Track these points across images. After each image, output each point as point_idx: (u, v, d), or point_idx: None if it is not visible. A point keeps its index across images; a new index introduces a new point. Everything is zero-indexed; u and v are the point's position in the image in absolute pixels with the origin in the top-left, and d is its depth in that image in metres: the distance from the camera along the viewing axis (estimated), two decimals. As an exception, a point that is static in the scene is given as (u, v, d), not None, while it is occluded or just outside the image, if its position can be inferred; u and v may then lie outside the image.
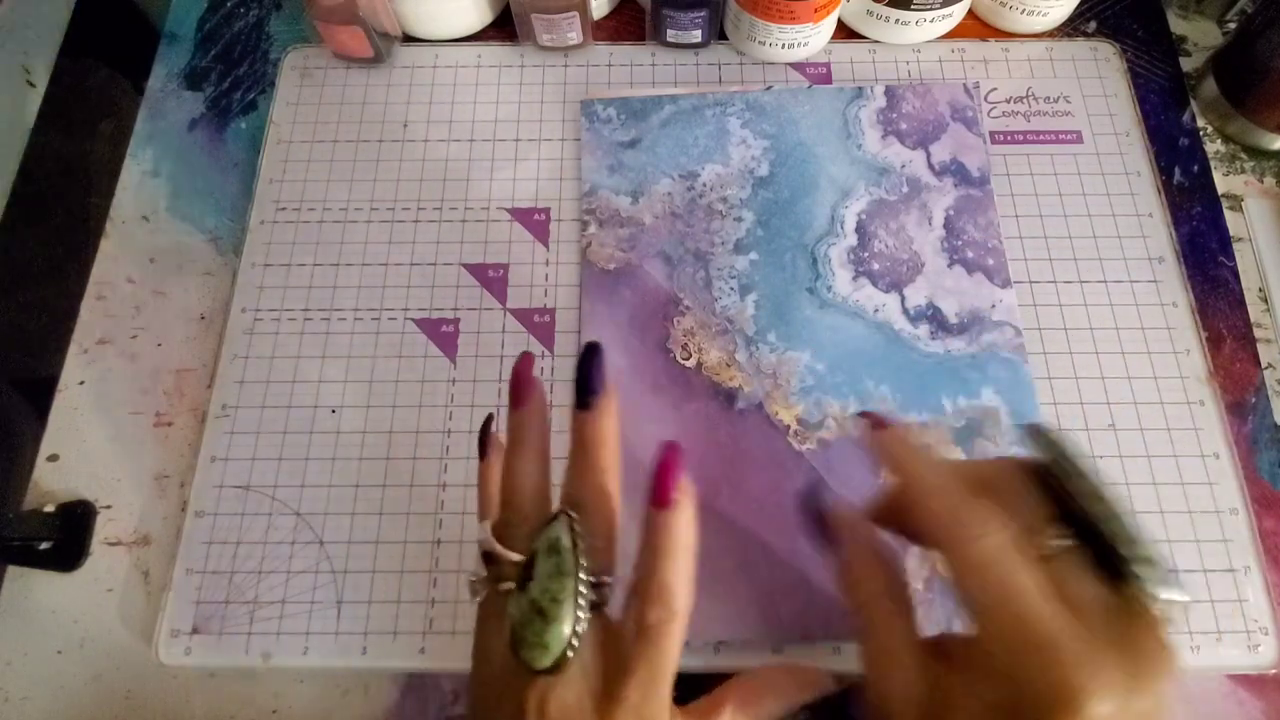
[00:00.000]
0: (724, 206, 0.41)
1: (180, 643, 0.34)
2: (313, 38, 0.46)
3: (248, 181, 0.43)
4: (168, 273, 0.41)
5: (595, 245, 0.40)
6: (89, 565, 0.36)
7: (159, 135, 0.45)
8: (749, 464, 0.36)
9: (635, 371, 0.38)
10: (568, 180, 0.42)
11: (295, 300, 0.40)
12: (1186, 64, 0.45)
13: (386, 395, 0.38)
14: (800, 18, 0.41)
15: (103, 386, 0.39)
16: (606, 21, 0.47)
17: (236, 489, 0.37)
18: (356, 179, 0.43)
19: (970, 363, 0.38)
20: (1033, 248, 0.40)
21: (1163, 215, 0.41)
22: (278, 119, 0.44)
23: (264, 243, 0.41)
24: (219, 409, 0.38)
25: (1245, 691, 0.33)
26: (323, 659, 0.34)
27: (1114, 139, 0.43)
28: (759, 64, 0.45)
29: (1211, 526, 0.35)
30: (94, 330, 0.40)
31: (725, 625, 0.34)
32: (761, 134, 0.42)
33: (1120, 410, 0.37)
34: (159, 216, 0.43)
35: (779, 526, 0.35)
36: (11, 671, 0.35)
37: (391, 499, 0.36)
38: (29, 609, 0.36)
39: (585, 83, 0.45)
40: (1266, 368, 0.38)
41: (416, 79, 0.45)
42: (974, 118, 0.43)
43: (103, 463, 0.38)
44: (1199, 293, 0.40)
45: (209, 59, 0.47)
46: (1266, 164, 0.43)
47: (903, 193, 0.41)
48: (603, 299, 0.39)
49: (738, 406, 0.37)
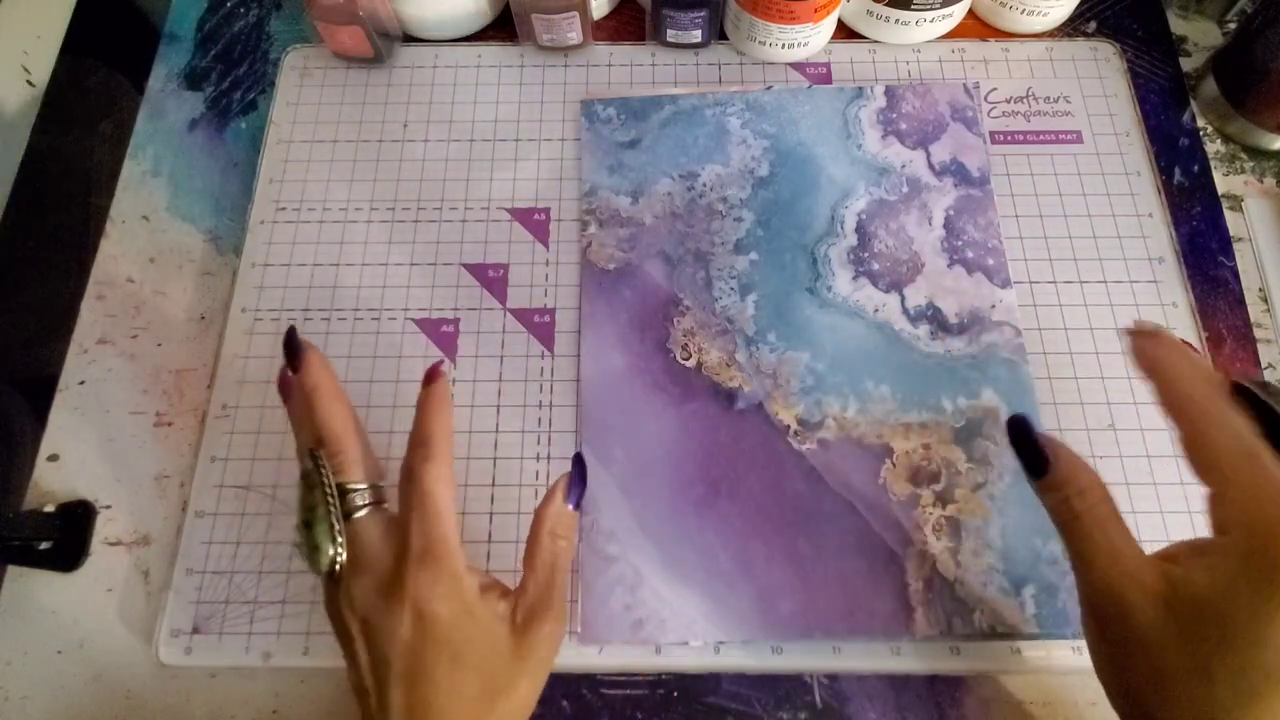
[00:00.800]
0: (724, 206, 0.41)
1: (180, 643, 0.34)
2: (313, 38, 0.46)
3: (248, 181, 0.43)
4: (168, 273, 0.41)
5: (595, 245, 0.40)
6: (89, 565, 0.36)
7: (159, 135, 0.45)
8: (749, 464, 0.36)
9: (635, 371, 0.38)
10: (568, 180, 0.42)
11: (295, 300, 0.40)
12: (1186, 64, 0.45)
13: (386, 395, 0.38)
14: (800, 18, 0.41)
15: (103, 386, 0.39)
16: (606, 21, 0.47)
17: (236, 489, 0.37)
18: (356, 179, 0.43)
19: (970, 363, 0.38)
20: (1033, 248, 0.40)
21: (1163, 215, 0.41)
22: (278, 119, 0.44)
23: (264, 243, 0.41)
24: (219, 409, 0.38)
25: (1245, 691, 0.33)
26: (323, 659, 0.34)
27: (1114, 139, 0.43)
28: (759, 64, 0.45)
29: (1211, 526, 0.35)
30: (94, 330, 0.40)
31: (725, 625, 0.34)
32: (761, 134, 0.42)
33: (1120, 410, 0.37)
34: (159, 216, 0.43)
35: (779, 526, 0.35)
36: (11, 671, 0.35)
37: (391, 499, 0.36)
38: (29, 609, 0.35)
39: (585, 83, 0.45)
40: (1266, 368, 0.38)
41: (416, 79, 0.45)
42: (974, 118, 0.43)
43: (103, 463, 0.38)
44: (1199, 293, 0.40)
45: (209, 59, 0.47)
46: (1266, 164, 0.43)
47: (903, 193, 0.41)
48: (603, 299, 0.39)
49: (738, 406, 0.37)
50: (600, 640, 0.34)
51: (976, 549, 0.34)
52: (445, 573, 0.26)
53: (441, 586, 0.26)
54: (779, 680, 0.34)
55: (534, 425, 0.38)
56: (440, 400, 0.29)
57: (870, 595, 0.34)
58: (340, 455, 0.28)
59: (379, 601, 0.26)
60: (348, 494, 0.27)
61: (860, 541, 0.35)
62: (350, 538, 0.27)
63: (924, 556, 0.34)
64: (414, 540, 0.26)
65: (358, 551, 0.27)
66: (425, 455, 0.27)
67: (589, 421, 0.37)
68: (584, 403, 0.37)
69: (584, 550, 0.35)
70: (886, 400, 0.37)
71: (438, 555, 0.26)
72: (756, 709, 0.34)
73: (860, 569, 0.34)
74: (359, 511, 0.27)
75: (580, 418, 0.37)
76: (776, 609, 0.34)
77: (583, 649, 0.34)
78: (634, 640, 0.34)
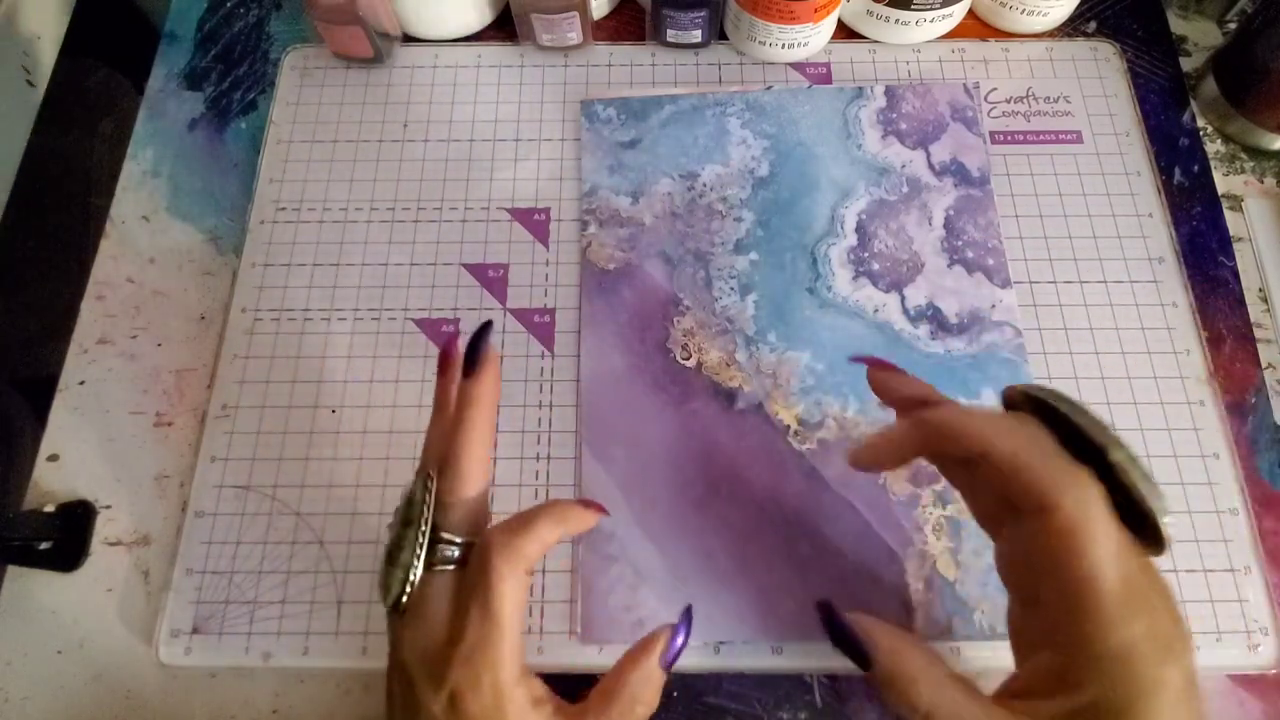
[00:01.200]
0: (724, 206, 0.41)
1: (180, 643, 0.34)
2: (313, 38, 0.46)
3: (248, 181, 0.43)
4: (168, 273, 0.41)
5: (595, 245, 0.40)
6: (89, 565, 0.36)
7: (159, 135, 0.45)
8: (749, 464, 0.36)
9: (635, 371, 0.38)
10: (568, 180, 0.42)
11: (295, 300, 0.40)
12: (1186, 64, 0.45)
13: (386, 395, 0.38)
14: (800, 18, 0.41)
15: (103, 386, 0.39)
16: (606, 21, 0.47)
17: (236, 489, 0.37)
18: (356, 179, 0.43)
19: (970, 363, 0.38)
20: (1033, 248, 0.40)
21: (1163, 215, 0.41)
22: (278, 119, 0.44)
23: (264, 243, 0.41)
24: (219, 409, 0.38)
25: (1245, 691, 0.33)
26: (323, 659, 0.34)
27: (1114, 139, 0.43)
28: (759, 64, 0.45)
29: (1211, 526, 0.35)
30: (94, 330, 0.40)
31: (725, 625, 0.34)
32: (761, 134, 0.42)
33: (1120, 410, 0.37)
34: (159, 216, 0.43)
35: (779, 526, 0.35)
36: (11, 671, 0.35)
37: (392, 499, 0.36)
38: (29, 609, 0.35)
39: (585, 83, 0.45)
40: (1266, 368, 0.38)
41: (416, 79, 0.45)
42: (974, 118, 0.43)
43: (103, 463, 0.38)
44: (1199, 293, 0.40)
45: (209, 59, 0.47)
46: (1266, 164, 0.43)
47: (903, 193, 0.41)
48: (603, 299, 0.39)
49: (738, 406, 0.37)
50: (600, 640, 0.34)
51: (977, 549, 0.34)
52: (488, 678, 0.25)
53: (481, 690, 0.25)
54: (779, 680, 0.34)
55: (534, 425, 0.38)
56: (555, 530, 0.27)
57: (870, 595, 0.34)
58: (452, 495, 0.26)
59: (424, 665, 0.25)
60: (438, 544, 0.26)
61: (860, 541, 0.35)
62: (419, 588, 0.26)
63: (924, 556, 0.34)
64: (468, 633, 0.25)
65: (421, 606, 0.26)
66: (508, 539, 0.26)
67: (589, 421, 0.37)
68: (584, 403, 0.37)
69: (584, 550, 0.35)
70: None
71: (485, 662, 0.25)
72: (756, 709, 0.34)
73: (860, 569, 0.34)
74: (442, 565, 0.26)
75: (580, 418, 0.37)
76: (776, 609, 0.34)
77: (583, 649, 0.34)
78: (634, 640, 0.34)
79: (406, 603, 0.25)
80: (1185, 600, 0.34)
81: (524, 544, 0.26)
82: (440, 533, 0.26)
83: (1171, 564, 0.35)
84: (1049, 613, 0.23)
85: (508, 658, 0.25)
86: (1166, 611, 0.23)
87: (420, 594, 0.26)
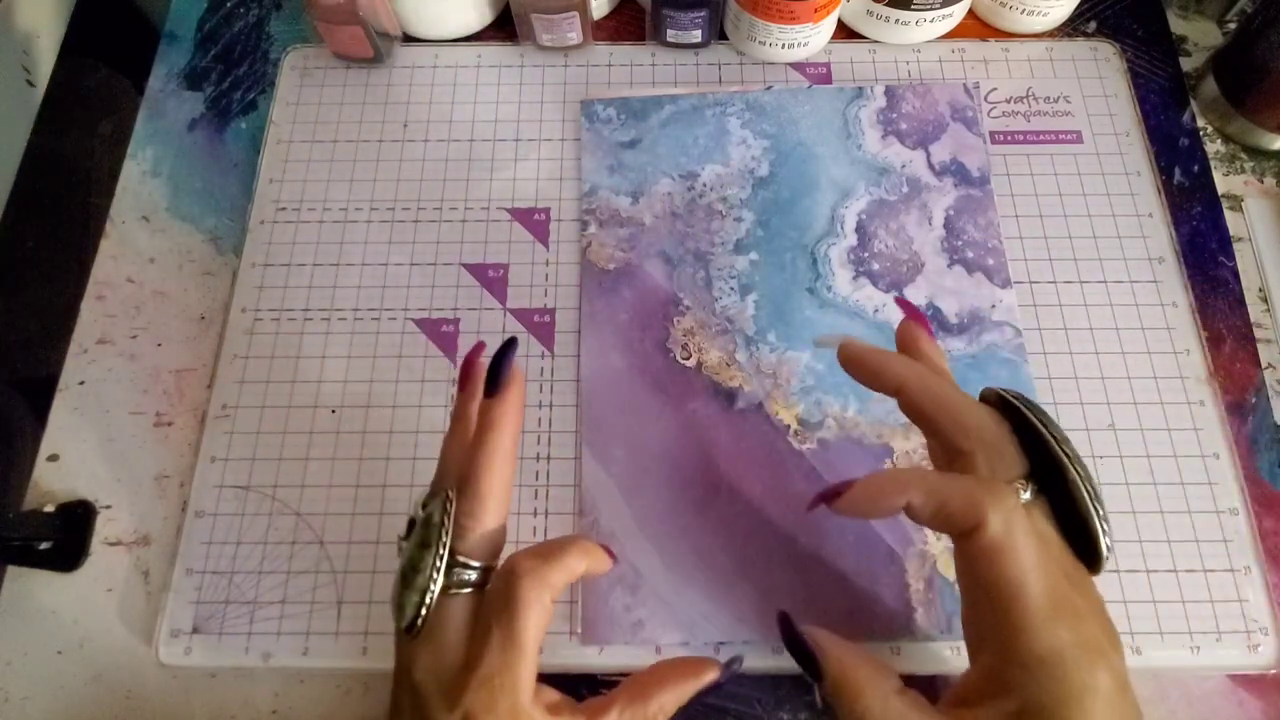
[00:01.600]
0: (724, 206, 0.41)
1: (180, 643, 0.34)
2: (313, 38, 0.46)
3: (248, 181, 0.43)
4: (168, 273, 0.41)
5: (595, 245, 0.40)
6: (89, 565, 0.36)
7: (159, 135, 0.45)
8: (749, 464, 0.36)
9: (635, 371, 0.38)
10: (568, 180, 0.42)
11: (295, 300, 0.40)
12: (1186, 64, 0.45)
13: (386, 395, 0.38)
14: (800, 18, 0.41)
15: (103, 386, 0.39)
16: (606, 21, 0.47)
17: (236, 489, 0.37)
18: (356, 179, 0.43)
19: (970, 363, 0.38)
20: (1033, 248, 0.40)
21: (1163, 215, 0.41)
22: (278, 119, 0.44)
23: (264, 243, 0.41)
24: (219, 409, 0.38)
25: (1245, 691, 0.33)
26: (323, 659, 0.34)
27: (1114, 139, 0.43)
28: (759, 64, 0.45)
29: (1211, 526, 0.35)
30: (94, 330, 0.40)
31: (725, 625, 0.34)
32: (761, 134, 0.42)
33: (1120, 410, 0.37)
34: (159, 216, 0.43)
35: (779, 526, 0.35)
36: (11, 671, 0.35)
37: (391, 499, 0.36)
38: (29, 609, 0.35)
39: (585, 83, 0.45)
40: (1266, 368, 0.38)
41: (416, 79, 0.45)
42: (974, 118, 0.43)
43: (103, 463, 0.38)
44: (1199, 293, 0.40)
45: (209, 59, 0.47)
46: (1266, 164, 0.43)
47: (903, 193, 0.41)
48: (603, 299, 0.39)
49: (738, 406, 0.37)
50: (600, 640, 0.34)
51: (976, 549, 0.34)
52: (505, 703, 0.25)
53: (498, 714, 0.24)
54: (779, 680, 0.34)
55: (534, 425, 0.38)
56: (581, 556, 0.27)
57: (870, 595, 0.34)
58: (472, 518, 0.26)
59: (438, 686, 0.25)
60: (455, 567, 0.26)
61: (860, 541, 0.35)
62: (435, 610, 0.25)
63: (924, 556, 0.34)
64: (487, 657, 0.25)
65: (437, 628, 0.25)
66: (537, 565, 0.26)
67: (589, 421, 0.37)
68: (584, 403, 0.37)
69: (584, 550, 0.35)
70: (887, 400, 0.37)
71: (504, 687, 0.25)
72: (756, 709, 0.34)
73: (860, 569, 0.34)
74: (458, 589, 0.26)
75: (580, 418, 0.37)
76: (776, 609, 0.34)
77: (583, 649, 0.34)
78: (634, 640, 0.34)
79: (421, 625, 0.25)
80: (1185, 600, 0.34)
81: (552, 573, 0.26)
82: (458, 556, 0.26)
83: (1171, 564, 0.35)
84: (986, 618, 0.25)
85: (526, 682, 0.25)
86: (1094, 617, 0.24)
87: (436, 616, 0.25)
